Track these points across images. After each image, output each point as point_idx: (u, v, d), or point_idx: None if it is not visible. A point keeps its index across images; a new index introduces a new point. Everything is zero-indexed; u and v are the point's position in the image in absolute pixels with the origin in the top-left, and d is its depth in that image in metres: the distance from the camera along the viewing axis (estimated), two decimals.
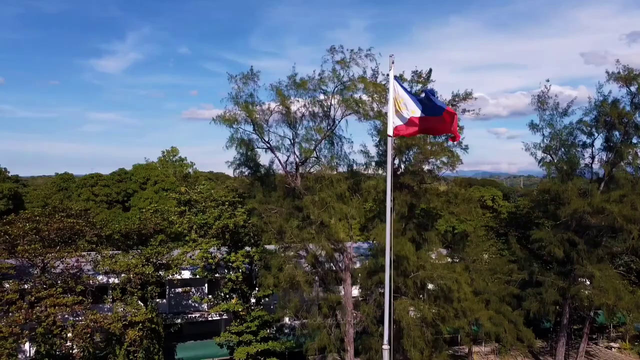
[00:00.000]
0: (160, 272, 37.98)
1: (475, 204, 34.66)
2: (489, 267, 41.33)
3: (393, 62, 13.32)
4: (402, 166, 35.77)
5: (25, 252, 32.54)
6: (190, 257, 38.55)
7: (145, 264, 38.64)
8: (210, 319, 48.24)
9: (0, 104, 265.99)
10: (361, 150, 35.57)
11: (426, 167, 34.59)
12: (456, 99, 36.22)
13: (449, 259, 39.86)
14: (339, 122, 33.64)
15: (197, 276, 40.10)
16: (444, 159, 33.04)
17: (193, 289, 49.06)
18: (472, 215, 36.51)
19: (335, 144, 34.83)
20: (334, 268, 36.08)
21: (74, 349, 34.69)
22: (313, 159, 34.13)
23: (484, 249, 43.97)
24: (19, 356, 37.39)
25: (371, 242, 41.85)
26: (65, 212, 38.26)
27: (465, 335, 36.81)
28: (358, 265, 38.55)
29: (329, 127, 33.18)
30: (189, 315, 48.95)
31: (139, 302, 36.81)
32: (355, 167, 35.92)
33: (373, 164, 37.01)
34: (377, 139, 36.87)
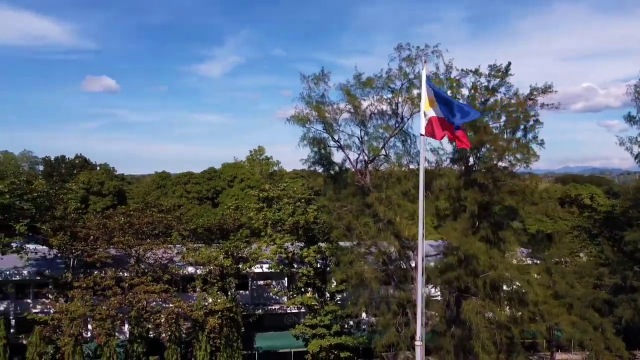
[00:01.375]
0: (239, 265, 40.18)
1: (555, 203, 32.72)
2: (575, 270, 38.83)
3: (425, 62, 13.47)
4: (474, 163, 34.77)
5: (120, 243, 36.15)
6: (266, 251, 40.39)
7: (226, 257, 41.23)
8: (288, 311, 50.09)
9: (117, 109, 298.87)
10: (431, 148, 35.08)
11: (500, 164, 33.34)
12: (534, 93, 34.51)
13: (529, 260, 38.06)
14: (408, 119, 33.55)
15: (272, 270, 41.87)
16: (518, 155, 31.64)
17: (274, 282, 51.15)
18: (552, 214, 34.49)
19: (405, 142, 34.77)
20: (405, 266, 36.00)
21: (162, 333, 37.94)
22: (382, 156, 34.34)
23: (571, 250, 41.37)
24: (120, 337, 41.62)
25: (443, 241, 41.09)
26: (156, 207, 41.76)
27: (543, 340, 34.95)
28: (432, 263, 38.08)
29: (397, 125, 33.19)
30: (269, 307, 51.22)
31: (220, 292, 39.25)
32: (426, 165, 35.54)
33: (448, 160, 36.39)
34: None
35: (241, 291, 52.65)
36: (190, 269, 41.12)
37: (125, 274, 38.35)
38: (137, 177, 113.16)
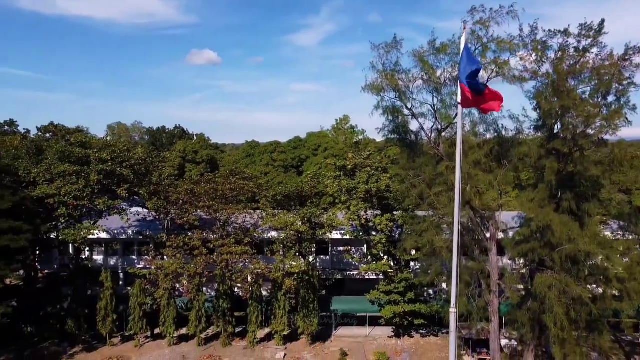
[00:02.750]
0: (315, 231, 41.71)
1: None
2: None
3: (465, 29, 13.11)
4: (558, 130, 32.73)
5: (206, 208, 39.07)
6: (340, 218, 41.43)
7: (305, 223, 42.95)
8: (367, 277, 51.27)
9: (219, 81, 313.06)
10: (510, 115, 33.52)
11: (586, 131, 31.08)
12: (630, 52, 31.44)
13: (620, 234, 35.46)
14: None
15: (348, 236, 42.93)
16: (607, 122, 29.29)
17: (353, 249, 52.40)
18: None
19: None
20: (480, 236, 35.27)
21: (244, 291, 40.83)
22: (456, 124, 33.48)
23: None
24: (210, 293, 45.45)
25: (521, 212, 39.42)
26: (239, 175, 44.28)
27: (628, 319, 32.74)
28: (509, 235, 36.89)
29: None
30: (348, 273, 52.80)
31: (298, 256, 41.16)
32: (504, 132, 34.13)
33: (530, 129, 34.62)
34: (535, 103, 34.31)
35: (322, 256, 54.74)
36: (270, 234, 43.41)
37: (212, 236, 41.48)
38: (231, 146, 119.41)
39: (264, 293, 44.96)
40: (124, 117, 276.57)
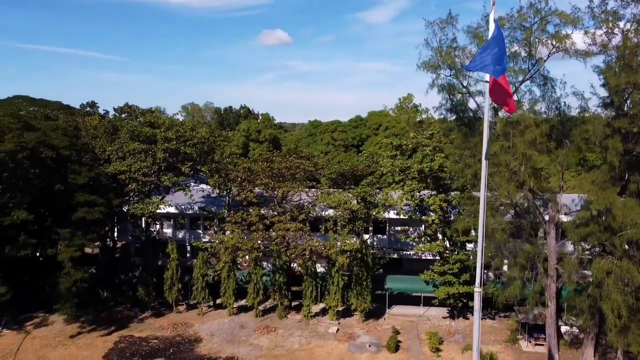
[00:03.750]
0: (368, 210, 42.02)
1: None
2: None
3: (494, 4, 12.74)
4: (627, 108, 30.68)
5: (262, 185, 40.47)
6: (393, 197, 41.41)
7: (359, 202, 43.39)
8: (424, 257, 51.05)
9: (290, 60, 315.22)
10: (574, 92, 31.80)
11: None
12: None
13: None
14: (545, 61, 30.78)
15: (401, 216, 42.86)
16: None
17: (411, 229, 52.24)
18: None
19: (543, 86, 32.12)
20: (538, 219, 34.08)
21: (299, 267, 42.13)
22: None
23: None
24: (270, 267, 47.28)
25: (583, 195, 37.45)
26: (296, 154, 45.28)
27: None
28: (570, 218, 35.33)
29: (530, 68, 30.73)
30: (405, 252, 52.78)
31: (351, 234, 41.76)
32: (567, 111, 32.54)
33: (598, 107, 32.71)
34: (603, 79, 32.31)
35: (379, 235, 55.06)
36: (325, 212, 44.23)
37: (269, 213, 42.97)
38: (298, 125, 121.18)
39: (320, 269, 46.13)
40: (198, 97, 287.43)
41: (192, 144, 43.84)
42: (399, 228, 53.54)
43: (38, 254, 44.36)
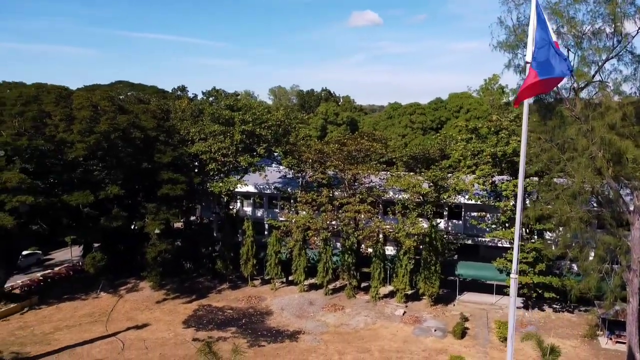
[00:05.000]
0: (439, 194, 41.35)
1: None
2: None
3: None
4: None
5: (332, 167, 41.23)
6: (464, 182, 40.34)
7: (430, 185, 42.81)
8: (500, 244, 49.39)
9: (380, 42, 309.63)
10: None
11: None
12: None
13: None
14: (634, 37, 28.29)
15: (472, 201, 41.70)
16: None
17: (488, 215, 50.65)
18: None
19: (631, 65, 29.57)
20: (621, 209, 31.72)
21: (368, 248, 42.62)
22: (597, 82, 30.08)
23: None
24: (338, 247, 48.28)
25: None
26: (368, 136, 45.45)
27: None
28: None
29: (615, 45, 28.41)
30: (480, 239, 51.30)
31: (421, 218, 41.41)
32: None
33: None
34: None
35: (454, 220, 53.94)
36: (394, 194, 44.14)
37: (339, 194, 43.75)
38: (377, 108, 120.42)
39: (390, 252, 46.29)
40: (287, 80, 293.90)
41: (267, 127, 45.53)
42: (475, 214, 52.11)
43: (133, 226, 48.76)
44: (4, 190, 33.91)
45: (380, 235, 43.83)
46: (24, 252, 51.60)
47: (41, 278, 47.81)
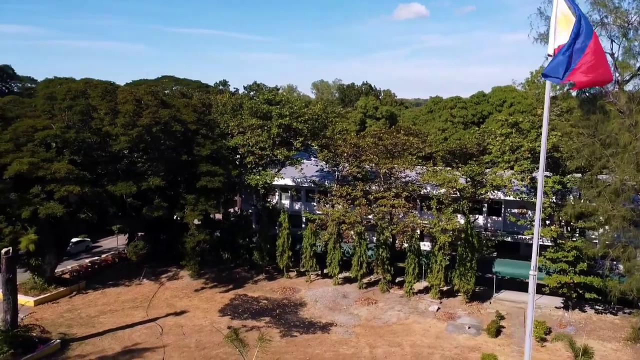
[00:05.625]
0: (476, 190, 40.63)
1: None
2: None
3: None
4: None
5: (367, 161, 41.23)
6: (501, 177, 39.43)
7: (468, 181, 42.15)
8: (541, 243, 48.03)
9: (425, 35, 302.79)
10: None
11: None
12: None
13: None
14: None
15: (511, 197, 40.74)
16: None
17: (529, 212, 49.36)
18: None
19: None
20: None
21: (402, 243, 42.44)
22: None
23: None
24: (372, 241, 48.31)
25: None
26: (405, 130, 45.13)
27: None
28: None
29: None
30: (520, 236, 50.06)
31: (456, 214, 40.87)
32: None
33: None
34: None
35: (494, 217, 52.86)
36: (430, 189, 43.69)
37: (373, 188, 43.74)
38: (419, 101, 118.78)
39: (426, 247, 45.92)
40: (331, 74, 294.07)
41: (303, 120, 45.98)
42: (515, 210, 50.88)
43: (175, 217, 50.50)
44: (54, 180, 35.87)
45: (418, 231, 43.55)
46: (74, 239, 54.37)
47: (89, 264, 50.26)
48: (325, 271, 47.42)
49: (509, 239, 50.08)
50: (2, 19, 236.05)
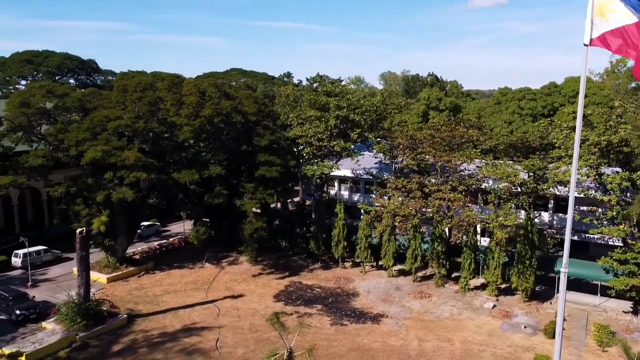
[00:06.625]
0: (537, 185, 39.03)
1: None
2: None
3: None
4: None
5: (423, 154, 40.74)
6: (563, 172, 37.55)
7: (530, 175, 40.58)
8: (611, 243, 45.44)
9: (505, 23, 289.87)
10: None
11: None
12: None
13: None
14: None
15: (576, 193, 38.66)
16: None
17: (600, 210, 46.73)
18: None
19: None
20: None
21: (459, 237, 41.66)
22: None
23: None
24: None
25: None
26: (464, 123, 44.08)
27: None
28: None
29: None
30: (588, 236, 47.44)
31: (515, 209, 39.50)
32: None
33: None
34: None
35: (560, 214, 50.45)
36: (488, 183, 42.45)
37: (430, 180, 43.16)
38: (487, 93, 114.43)
39: (484, 243, 44.77)
40: (402, 65, 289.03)
41: (360, 112, 46.11)
42: (584, 208, 48.27)
43: (239, 205, 52.55)
44: (124, 166, 38.55)
45: (478, 226, 42.51)
46: (146, 223, 58.05)
47: (157, 247, 53.55)
48: (379, 263, 47.54)
49: (575, 237, 47.65)
50: (89, 16, 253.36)
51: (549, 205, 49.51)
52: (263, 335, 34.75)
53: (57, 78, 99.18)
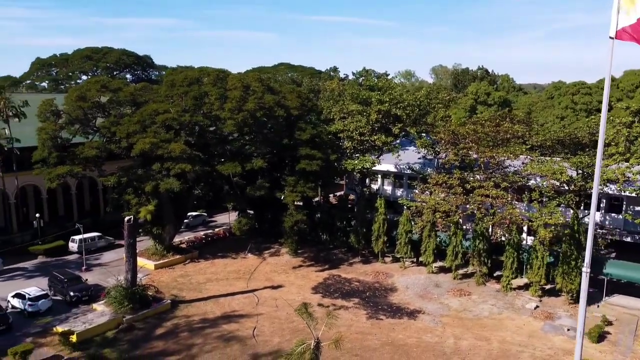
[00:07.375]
0: (586, 182, 37.53)
1: None
2: None
3: None
4: None
5: (464, 149, 39.99)
6: (613, 170, 35.84)
7: (579, 173, 39.09)
8: None
9: (568, 14, 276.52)
10: None
11: None
12: None
13: None
14: None
15: (627, 192, 36.92)
16: None
17: None
18: None
19: None
20: None
21: (494, 235, 40.72)
22: None
23: None
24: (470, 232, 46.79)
25: None
26: (509, 118, 42.89)
27: None
28: None
29: None
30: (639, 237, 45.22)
31: (561, 207, 38.14)
32: None
33: None
34: None
35: (613, 214, 48.22)
36: (534, 180, 41.18)
37: (473, 177, 42.33)
38: (542, 87, 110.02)
39: (529, 242, 43.51)
40: (455, 59, 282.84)
41: (402, 107, 45.75)
42: (639, 208, 45.98)
43: (282, 197, 53.54)
44: (170, 158, 40.16)
45: (525, 225, 41.38)
46: (193, 213, 60.16)
47: (203, 236, 55.41)
48: (420, 259, 47.14)
49: (628, 239, 45.50)
50: (146, 13, 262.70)
51: (601, 205, 47.44)
52: (299, 325, 35.35)
53: (115, 73, 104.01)
